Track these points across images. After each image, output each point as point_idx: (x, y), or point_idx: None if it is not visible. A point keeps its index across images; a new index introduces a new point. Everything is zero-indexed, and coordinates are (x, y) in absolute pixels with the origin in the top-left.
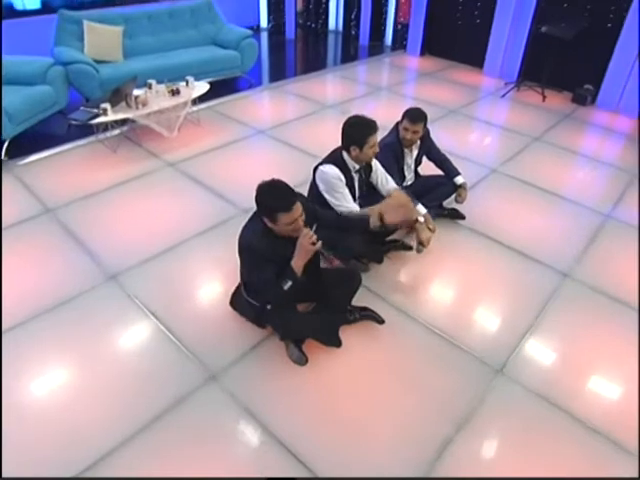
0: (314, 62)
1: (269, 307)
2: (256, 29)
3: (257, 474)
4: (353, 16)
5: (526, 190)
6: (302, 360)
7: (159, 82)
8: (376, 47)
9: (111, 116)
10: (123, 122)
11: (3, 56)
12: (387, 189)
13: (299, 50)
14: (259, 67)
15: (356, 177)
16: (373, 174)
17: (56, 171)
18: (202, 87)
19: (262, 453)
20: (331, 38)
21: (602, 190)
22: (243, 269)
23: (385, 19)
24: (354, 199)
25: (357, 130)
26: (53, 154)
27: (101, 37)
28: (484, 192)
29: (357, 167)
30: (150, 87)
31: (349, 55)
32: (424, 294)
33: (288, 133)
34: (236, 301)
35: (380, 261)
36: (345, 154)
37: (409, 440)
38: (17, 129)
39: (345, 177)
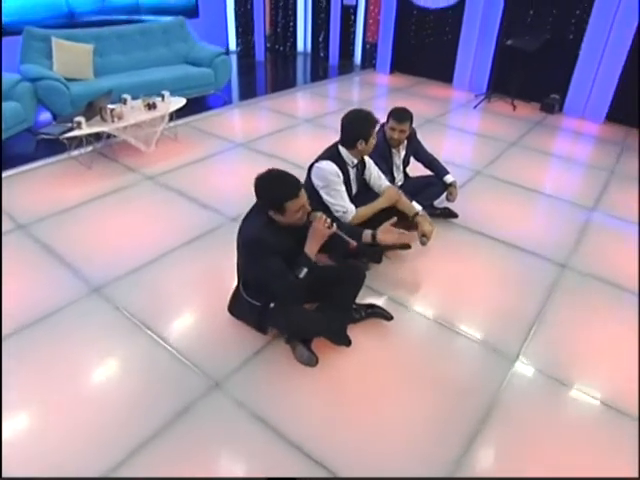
0: (285, 81)
1: (272, 305)
2: (225, 52)
3: None
4: (321, 38)
5: (512, 190)
6: (313, 360)
7: (134, 98)
8: (346, 66)
9: (86, 129)
10: (97, 138)
11: None
12: (380, 186)
13: (269, 71)
14: (231, 86)
15: (352, 172)
16: (367, 171)
17: (27, 188)
18: (178, 102)
19: (279, 458)
20: (300, 60)
21: (582, 187)
22: (247, 266)
23: (354, 39)
24: (350, 195)
25: (362, 124)
26: (23, 171)
27: (71, 55)
28: (472, 192)
29: (355, 162)
30: (125, 102)
31: (319, 74)
32: (428, 290)
33: (267, 145)
34: (235, 306)
35: (379, 261)
36: (342, 149)
37: (432, 437)
38: None
39: (342, 173)
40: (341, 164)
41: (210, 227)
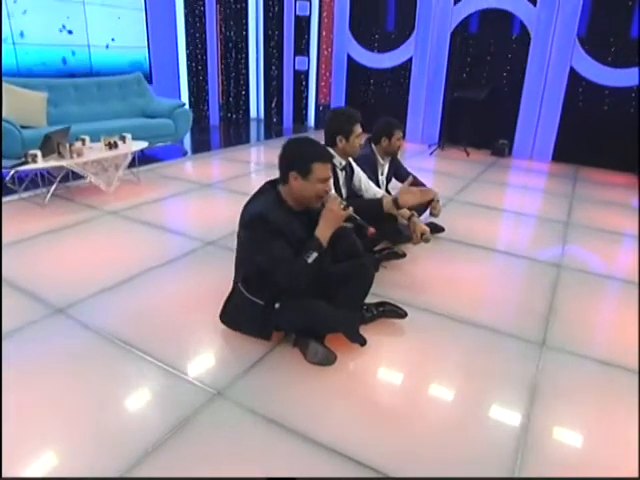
0: (239, 139)
1: (278, 306)
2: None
3: None
4: (274, 104)
5: (486, 211)
6: (330, 357)
7: (93, 141)
8: (299, 129)
9: (41, 163)
10: (51, 182)
11: None
12: (371, 195)
13: (223, 132)
14: (190, 141)
15: (342, 176)
16: (355, 177)
17: None
18: (140, 144)
19: (311, 461)
20: (254, 124)
21: (548, 207)
22: (248, 252)
23: (306, 102)
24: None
25: (342, 120)
26: None
27: (23, 101)
28: (451, 213)
29: (343, 163)
30: (84, 142)
31: (272, 135)
32: (433, 291)
33: (233, 185)
34: (231, 310)
35: (376, 270)
36: (331, 150)
37: (484, 425)
38: None
39: (332, 175)
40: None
41: (184, 250)
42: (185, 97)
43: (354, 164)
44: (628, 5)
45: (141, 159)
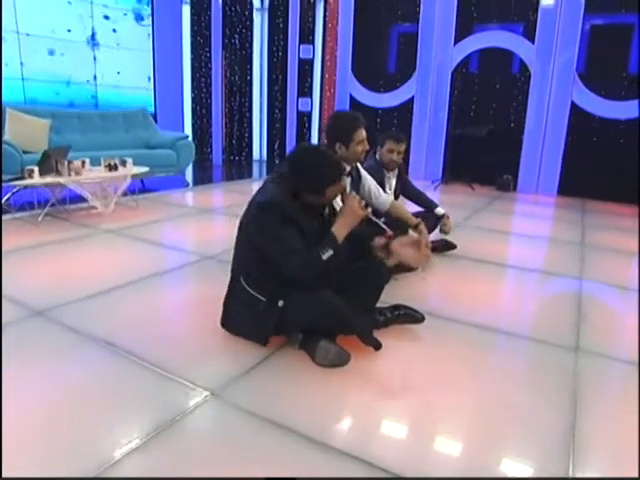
0: (241, 175)
1: (281, 304)
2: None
3: None
4: (277, 146)
5: (496, 234)
6: (343, 357)
7: (93, 165)
8: None
9: (37, 179)
10: (46, 203)
11: None
12: (381, 202)
13: (226, 170)
14: (192, 174)
15: (347, 181)
16: (363, 181)
17: None
18: (141, 168)
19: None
20: (256, 165)
21: (553, 229)
22: (254, 241)
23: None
24: None
25: (340, 125)
26: None
27: (25, 126)
28: (461, 237)
29: (348, 169)
30: (83, 164)
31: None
32: (451, 300)
33: (235, 210)
34: (230, 312)
35: (386, 281)
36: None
37: (526, 433)
38: None
39: None
40: None
41: (181, 263)
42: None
43: (362, 170)
44: (625, 39)
45: (142, 190)
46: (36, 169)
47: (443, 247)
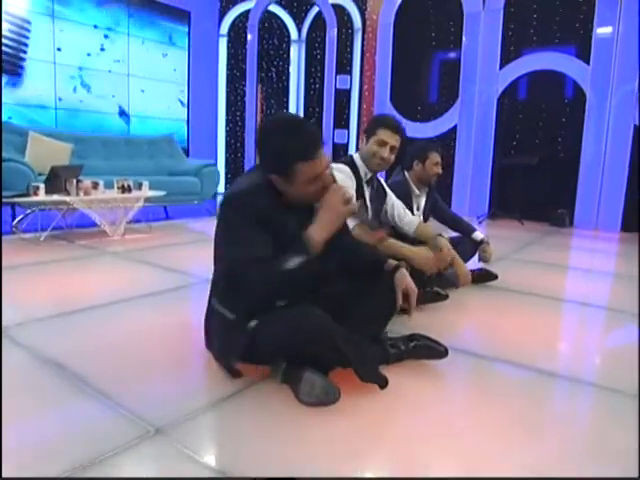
0: None
1: (253, 324)
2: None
3: None
4: None
5: (548, 267)
6: (332, 393)
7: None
8: None
9: (42, 197)
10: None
11: None
12: (406, 223)
13: None
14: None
15: (367, 191)
16: (388, 202)
17: None
18: (157, 192)
19: None
20: None
21: (616, 264)
22: (218, 249)
23: None
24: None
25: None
26: None
27: (46, 150)
28: (504, 266)
29: (369, 175)
30: (95, 185)
31: None
32: (487, 335)
33: None
34: (209, 331)
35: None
36: (357, 158)
37: None
38: None
39: (356, 185)
40: (355, 173)
41: (175, 285)
42: (222, 173)
43: (387, 187)
44: None
45: (165, 219)
46: (42, 186)
47: (482, 277)
